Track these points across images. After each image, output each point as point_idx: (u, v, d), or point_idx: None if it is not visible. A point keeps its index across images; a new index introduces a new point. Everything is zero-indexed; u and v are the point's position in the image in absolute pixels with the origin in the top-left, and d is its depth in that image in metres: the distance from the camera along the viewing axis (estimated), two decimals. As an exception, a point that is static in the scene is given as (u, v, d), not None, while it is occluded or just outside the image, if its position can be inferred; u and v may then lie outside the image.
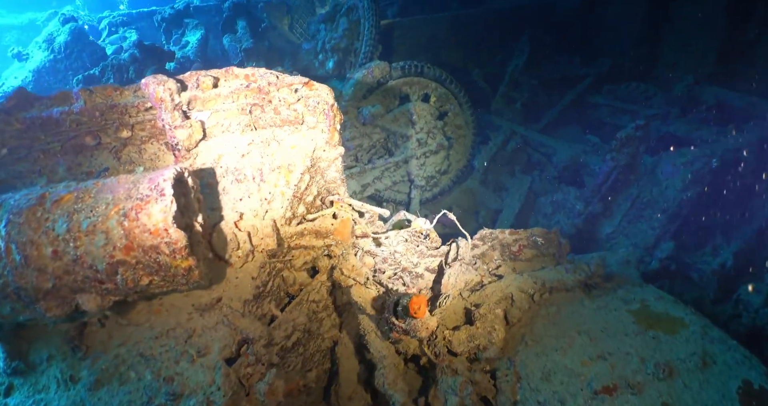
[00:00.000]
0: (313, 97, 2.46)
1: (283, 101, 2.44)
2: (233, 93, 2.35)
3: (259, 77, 2.39)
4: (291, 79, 2.40)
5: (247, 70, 2.41)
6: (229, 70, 2.39)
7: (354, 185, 5.40)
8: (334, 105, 2.48)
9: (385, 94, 5.66)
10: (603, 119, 8.19)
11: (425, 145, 5.57)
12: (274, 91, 2.40)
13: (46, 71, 6.50)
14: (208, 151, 2.45)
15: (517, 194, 6.00)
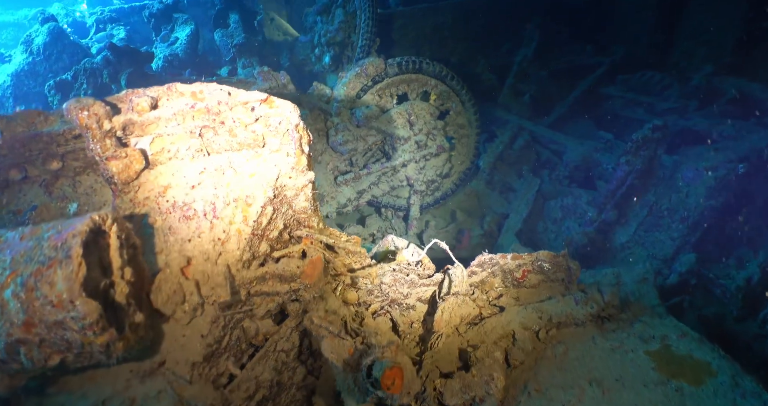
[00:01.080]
0: (274, 116, 2.10)
1: (239, 122, 2.08)
2: (177, 115, 1.99)
3: (208, 95, 2.02)
4: (246, 97, 2.03)
5: (194, 87, 2.04)
6: (172, 87, 2.03)
7: (349, 192, 5.04)
8: (299, 124, 2.11)
9: (380, 93, 5.26)
10: (616, 112, 7.71)
11: (425, 148, 5.18)
12: (226, 110, 2.04)
13: (25, 75, 6.20)
14: (152, 181, 2.10)
15: (525, 198, 5.59)
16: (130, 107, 1.95)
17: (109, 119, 1.91)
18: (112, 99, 2.00)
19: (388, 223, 5.66)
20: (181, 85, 2.05)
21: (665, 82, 7.37)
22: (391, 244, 2.89)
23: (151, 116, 1.96)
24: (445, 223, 5.77)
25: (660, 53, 8.57)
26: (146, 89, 2.01)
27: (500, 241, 5.40)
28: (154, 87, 2.04)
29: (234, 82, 4.91)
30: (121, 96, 2.02)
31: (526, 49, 8.60)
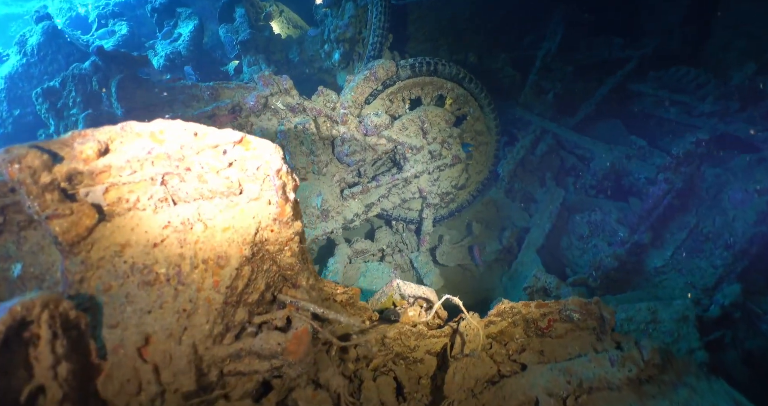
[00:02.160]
0: (250, 160, 1.73)
1: (208, 167, 1.72)
2: (131, 162, 1.63)
3: (170, 136, 1.66)
4: (215, 138, 1.66)
5: (153, 126, 1.68)
6: (126, 127, 1.67)
7: (356, 206, 4.67)
8: (281, 169, 1.73)
9: (391, 98, 4.85)
10: (647, 111, 7.18)
11: (439, 158, 4.77)
12: (192, 155, 1.68)
13: (19, 77, 5.92)
14: (108, 238, 1.76)
15: (548, 211, 5.16)
16: (74, 155, 1.60)
17: (48, 170, 1.57)
18: (53, 144, 1.65)
19: (398, 237, 5.29)
20: (137, 125, 1.68)
21: (700, 80, 6.81)
22: (396, 291, 2.52)
23: (99, 165, 1.61)
24: (460, 236, 5.38)
25: (695, 47, 7.97)
26: (95, 131, 1.65)
27: (520, 257, 4.99)
28: (105, 127, 1.68)
29: (233, 87, 4.55)
30: (65, 139, 1.66)
31: (549, 43, 8.07)
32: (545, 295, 3.97)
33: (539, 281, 3.96)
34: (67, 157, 1.63)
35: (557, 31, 8.08)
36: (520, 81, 8.04)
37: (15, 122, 5.98)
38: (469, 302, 4.80)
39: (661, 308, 3.41)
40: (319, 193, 4.48)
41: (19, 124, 5.89)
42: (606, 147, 5.84)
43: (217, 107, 4.41)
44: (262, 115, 4.60)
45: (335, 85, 7.81)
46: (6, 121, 6.01)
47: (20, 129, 5.93)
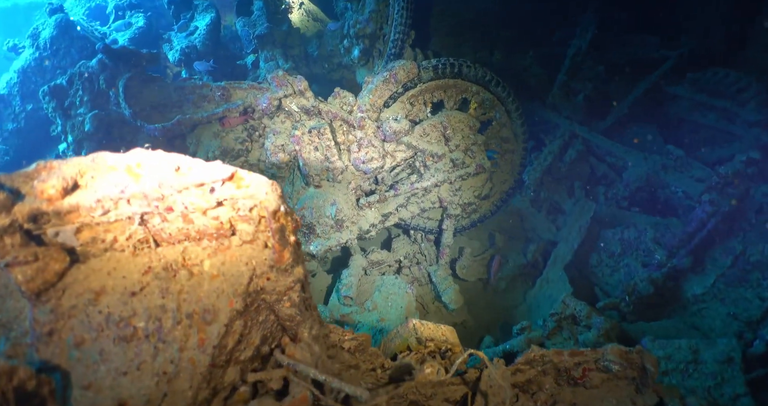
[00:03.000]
0: (243, 199, 1.47)
1: (193, 207, 1.47)
2: (103, 202, 1.40)
3: (147, 171, 1.42)
4: (200, 176, 1.41)
5: (129, 158, 1.43)
6: (98, 159, 1.42)
7: (373, 216, 4.41)
8: (279, 210, 1.48)
9: (412, 101, 4.56)
10: (683, 116, 6.75)
11: (462, 167, 4.47)
12: (173, 194, 1.43)
13: (32, 71, 5.78)
14: (81, 283, 1.53)
15: (578, 225, 4.83)
16: (36, 193, 1.36)
17: (6, 212, 1.34)
18: (15, 178, 1.42)
19: (416, 247, 5.02)
20: (111, 157, 1.44)
21: (741, 84, 6.35)
22: (412, 334, 2.26)
23: (65, 205, 1.38)
24: (482, 248, 5.09)
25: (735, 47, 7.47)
26: (63, 163, 1.42)
27: (546, 274, 4.68)
28: (74, 160, 1.44)
29: (245, 87, 4.31)
30: (30, 172, 1.43)
31: (580, 40, 7.64)
32: (574, 323, 3.67)
33: (568, 307, 3.67)
34: (29, 194, 1.40)
35: (589, 28, 7.64)
36: (547, 80, 7.65)
37: (28, 117, 5.87)
38: (489, 319, 4.51)
39: (703, 346, 3.09)
40: (333, 202, 4.23)
41: (32, 119, 5.77)
42: (640, 155, 5.46)
43: (227, 109, 4.18)
44: (276, 117, 4.36)
45: (354, 81, 7.53)
46: (19, 116, 5.90)
47: (33, 124, 5.82)
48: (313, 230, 4.26)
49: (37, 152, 6.58)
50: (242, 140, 4.33)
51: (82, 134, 4.13)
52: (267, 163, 4.32)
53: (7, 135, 5.86)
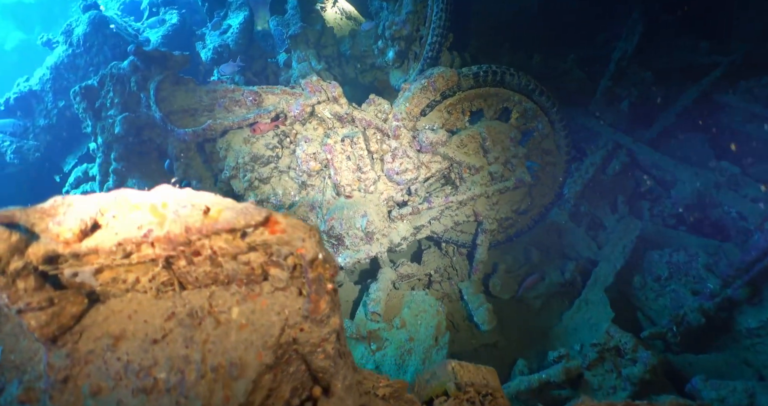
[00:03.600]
0: (278, 246, 1.32)
1: (223, 252, 1.32)
2: (124, 245, 1.26)
3: (173, 213, 1.27)
4: (231, 221, 1.25)
5: (154, 197, 1.29)
6: (120, 197, 1.28)
7: (404, 228, 4.23)
8: (317, 259, 1.31)
9: (450, 110, 4.35)
10: (734, 127, 6.37)
11: (500, 180, 4.25)
12: (201, 239, 1.28)
13: (65, 68, 5.78)
14: (100, 325, 1.39)
15: (621, 244, 4.56)
16: (52, 232, 1.23)
17: (19, 254, 1.21)
18: (30, 214, 1.29)
19: (448, 260, 4.82)
20: (134, 195, 1.29)
21: (799, 93, 5.96)
22: (451, 378, 2.08)
23: (83, 248, 1.24)
24: (516, 264, 4.86)
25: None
26: (82, 200, 1.28)
27: (585, 295, 4.43)
28: (95, 196, 1.30)
29: (277, 92, 4.17)
30: (46, 208, 1.30)
31: (626, 43, 7.28)
32: (617, 355, 3.44)
33: (612, 338, 3.43)
34: (45, 234, 1.27)
35: (635, 30, 7.29)
36: (589, 85, 7.32)
37: (60, 114, 5.88)
38: (523, 339, 4.29)
39: (760, 390, 2.82)
40: (364, 214, 4.07)
41: (64, 115, 5.78)
42: (691, 171, 5.13)
43: (259, 115, 4.05)
44: (308, 123, 4.22)
45: (386, 83, 7.35)
46: (51, 113, 5.92)
47: (65, 121, 5.83)
48: (342, 242, 4.10)
49: (68, 150, 6.61)
50: (273, 146, 4.19)
51: (111, 136, 4.06)
52: (297, 171, 4.18)
53: (39, 131, 5.88)
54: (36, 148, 5.53)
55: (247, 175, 4.18)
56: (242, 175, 4.20)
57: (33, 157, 5.45)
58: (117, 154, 4.15)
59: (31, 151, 5.46)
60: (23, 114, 5.92)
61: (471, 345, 4.24)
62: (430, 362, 3.71)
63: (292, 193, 4.29)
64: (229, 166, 4.21)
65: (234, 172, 4.22)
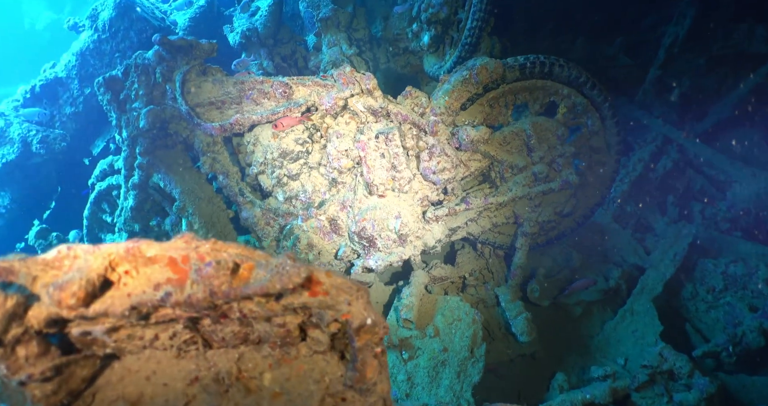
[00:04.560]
0: (318, 308, 1.11)
1: (254, 315, 1.12)
2: (139, 309, 1.06)
3: (195, 272, 1.06)
4: (264, 282, 1.04)
5: (173, 249, 1.08)
6: (134, 250, 1.08)
7: (439, 230, 4.00)
8: (365, 325, 1.10)
9: (492, 103, 4.06)
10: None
11: (544, 181, 3.96)
12: (228, 302, 1.08)
13: (90, 54, 5.64)
14: (115, 386, 1.21)
15: (672, 251, 4.24)
16: (53, 298, 1.05)
17: (18, 320, 1.03)
18: (33, 266, 1.09)
19: (483, 262, 4.58)
20: (149, 247, 1.09)
21: None
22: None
23: (90, 312, 1.05)
24: (556, 268, 4.59)
25: None
26: (90, 252, 1.08)
27: (630, 304, 4.15)
28: (105, 248, 1.09)
29: (308, 84, 3.93)
30: (49, 260, 1.10)
31: (677, 28, 6.76)
32: (670, 378, 3.18)
33: (666, 362, 3.17)
34: (46, 295, 1.08)
35: (687, 14, 6.74)
36: (637, 73, 6.86)
37: (86, 101, 5.77)
38: (562, 349, 4.05)
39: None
40: (397, 215, 3.85)
41: (90, 103, 5.67)
42: (748, 171, 4.74)
43: (288, 109, 3.83)
44: (339, 117, 3.98)
45: (420, 68, 7.03)
46: (77, 101, 5.81)
47: (91, 108, 5.72)
48: (373, 244, 3.90)
49: (97, 133, 6.53)
50: (303, 141, 3.98)
51: (136, 130, 3.90)
52: (328, 168, 3.97)
53: (66, 119, 5.79)
54: (62, 137, 5.45)
55: (275, 171, 3.99)
56: (270, 171, 4.01)
57: (59, 146, 5.37)
58: (142, 149, 4.00)
59: (57, 140, 5.37)
60: (49, 102, 5.84)
61: (507, 355, 4.03)
62: (465, 375, 3.52)
63: (322, 191, 4.09)
64: (257, 161, 4.02)
65: (262, 168, 4.03)
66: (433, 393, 3.45)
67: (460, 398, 3.36)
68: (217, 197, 4.38)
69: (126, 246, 1.12)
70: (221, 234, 4.31)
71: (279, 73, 6.53)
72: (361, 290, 1.12)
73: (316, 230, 4.02)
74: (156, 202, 4.43)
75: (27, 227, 6.01)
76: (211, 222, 4.25)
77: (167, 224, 4.32)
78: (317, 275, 1.09)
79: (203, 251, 1.11)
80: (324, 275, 1.10)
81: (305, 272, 1.08)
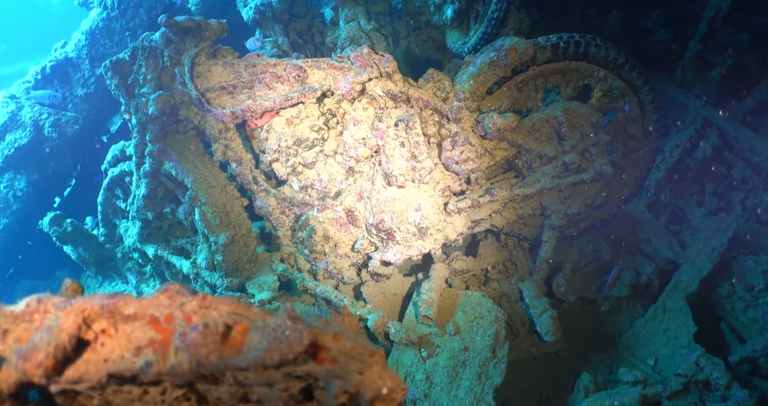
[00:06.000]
0: (325, 377, 0.94)
1: (252, 382, 0.96)
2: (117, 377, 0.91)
3: (179, 337, 0.89)
4: (259, 353, 0.86)
5: (155, 307, 0.91)
6: (110, 306, 0.90)
7: (461, 223, 3.81)
8: (380, 396, 0.93)
9: (521, 87, 3.78)
10: None
11: (576, 172, 3.71)
12: (223, 372, 0.91)
13: (100, 33, 5.44)
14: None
15: (710, 246, 3.98)
16: (18, 369, 0.90)
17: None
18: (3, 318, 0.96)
19: (507, 254, 4.39)
20: (129, 304, 0.92)
21: None
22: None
23: (62, 380, 0.90)
24: (583, 261, 4.37)
25: None
26: (62, 305, 0.92)
27: (662, 301, 3.93)
28: (79, 303, 0.94)
29: (323, 67, 3.69)
30: (18, 313, 0.94)
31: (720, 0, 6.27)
32: (705, 388, 2.99)
33: (702, 371, 2.98)
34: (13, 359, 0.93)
35: (732, -18, 6.23)
36: (675, 48, 6.41)
37: (98, 82, 5.63)
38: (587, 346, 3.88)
39: None
40: (417, 208, 3.65)
41: (102, 83, 5.53)
42: (797, 158, 4.39)
43: (302, 94, 3.62)
44: (357, 101, 3.76)
45: (442, 43, 6.68)
46: (89, 81, 5.67)
47: (103, 89, 5.58)
48: (392, 237, 3.73)
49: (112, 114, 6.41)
50: (318, 128, 3.79)
51: (146, 117, 3.74)
52: (345, 156, 3.78)
53: (78, 101, 5.66)
54: (74, 120, 5.33)
55: (290, 159, 3.82)
56: (285, 159, 3.84)
57: (72, 130, 5.25)
58: (152, 136, 3.84)
59: (70, 123, 5.25)
60: (61, 83, 5.70)
61: (530, 353, 3.88)
62: (486, 376, 3.38)
63: (338, 180, 3.91)
64: (270, 149, 3.84)
65: (276, 156, 3.86)
66: (453, 394, 3.32)
67: (481, 401, 3.23)
68: (230, 185, 4.23)
69: (102, 302, 0.95)
70: (235, 223, 4.18)
71: (295, 50, 6.27)
72: (375, 355, 0.95)
73: (332, 221, 3.86)
74: (169, 189, 4.31)
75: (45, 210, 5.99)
76: (225, 211, 4.12)
77: (180, 213, 4.21)
78: (323, 339, 0.92)
79: (189, 310, 0.94)
80: (331, 338, 0.93)
81: (308, 338, 0.91)
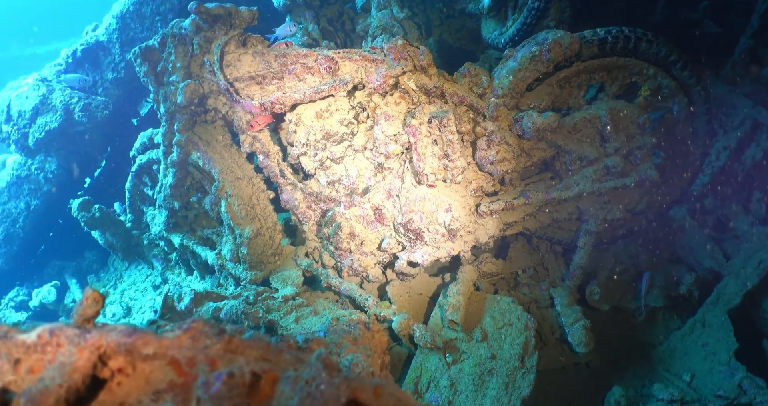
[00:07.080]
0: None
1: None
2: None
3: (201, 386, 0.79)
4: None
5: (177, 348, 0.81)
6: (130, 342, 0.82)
7: (493, 225, 3.65)
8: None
9: (563, 84, 3.58)
10: None
11: (618, 176, 3.51)
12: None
13: (130, 17, 5.39)
14: None
15: (757, 258, 3.74)
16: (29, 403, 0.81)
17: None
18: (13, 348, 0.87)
19: (538, 257, 4.22)
20: (147, 343, 0.83)
21: None
22: None
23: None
24: (618, 267, 4.18)
25: None
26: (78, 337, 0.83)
27: (702, 314, 3.73)
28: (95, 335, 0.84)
29: (356, 58, 3.55)
30: (30, 343, 0.86)
31: (778, -10, 5.85)
32: (753, 413, 2.82)
33: (745, 394, 2.80)
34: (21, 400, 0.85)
35: (791, -28, 5.82)
36: (725, 44, 6.04)
37: (128, 67, 5.60)
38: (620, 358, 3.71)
39: None
40: (448, 208, 3.51)
41: (132, 69, 5.49)
42: None
43: (333, 86, 3.49)
44: (389, 95, 3.61)
45: (476, 32, 6.43)
46: (119, 66, 5.65)
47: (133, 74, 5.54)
48: (420, 237, 3.60)
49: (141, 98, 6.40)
50: (348, 122, 3.66)
51: (174, 106, 3.68)
52: (374, 152, 3.65)
53: (108, 85, 5.66)
54: (105, 104, 5.31)
55: (318, 153, 3.71)
56: (313, 153, 3.73)
57: (102, 114, 5.24)
58: (180, 125, 3.78)
59: (100, 108, 5.24)
60: (91, 67, 5.70)
61: (559, 362, 3.73)
62: (514, 386, 3.25)
63: (366, 176, 3.79)
64: (299, 142, 3.74)
65: (304, 150, 3.75)
66: (478, 403, 3.21)
67: (508, 413, 3.11)
68: (257, 177, 4.16)
69: (119, 340, 0.86)
70: (261, 216, 4.11)
71: (325, 38, 6.13)
72: None
73: (359, 218, 3.76)
74: (196, 179, 4.26)
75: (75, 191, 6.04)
76: (251, 203, 4.05)
77: (206, 204, 4.16)
78: (362, 396, 0.80)
79: (214, 354, 0.84)
80: (371, 393, 0.81)
81: (345, 395, 0.79)
